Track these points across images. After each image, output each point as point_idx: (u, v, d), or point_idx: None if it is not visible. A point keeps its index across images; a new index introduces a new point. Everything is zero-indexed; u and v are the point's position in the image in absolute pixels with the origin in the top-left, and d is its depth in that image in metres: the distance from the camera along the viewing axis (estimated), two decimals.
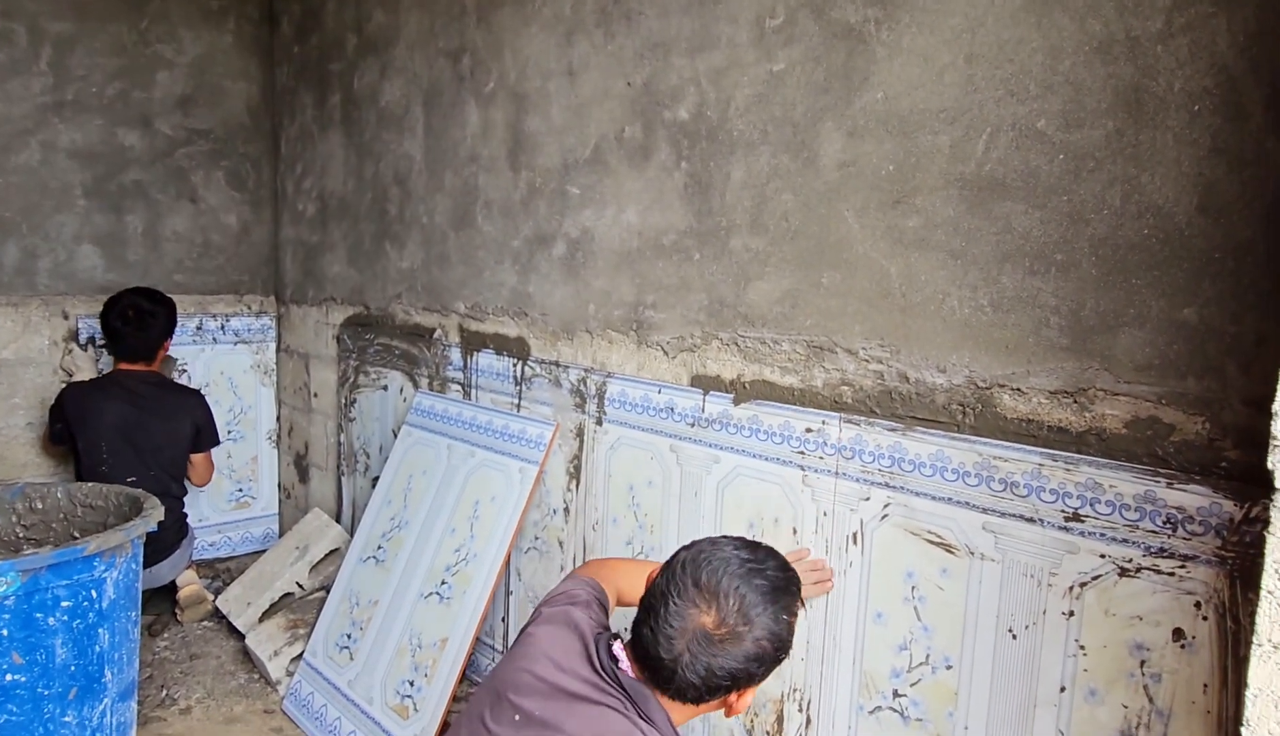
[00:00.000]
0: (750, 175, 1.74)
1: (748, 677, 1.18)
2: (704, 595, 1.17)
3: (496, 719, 1.24)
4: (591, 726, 1.17)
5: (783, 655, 1.22)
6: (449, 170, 2.60)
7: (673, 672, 1.16)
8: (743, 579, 1.18)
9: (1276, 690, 0.71)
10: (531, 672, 1.25)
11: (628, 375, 2.05)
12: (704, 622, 1.16)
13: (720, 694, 1.19)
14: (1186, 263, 1.19)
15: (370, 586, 2.51)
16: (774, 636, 1.18)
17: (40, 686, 1.55)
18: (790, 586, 1.23)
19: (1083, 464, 1.29)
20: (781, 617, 1.19)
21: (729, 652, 1.15)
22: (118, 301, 2.90)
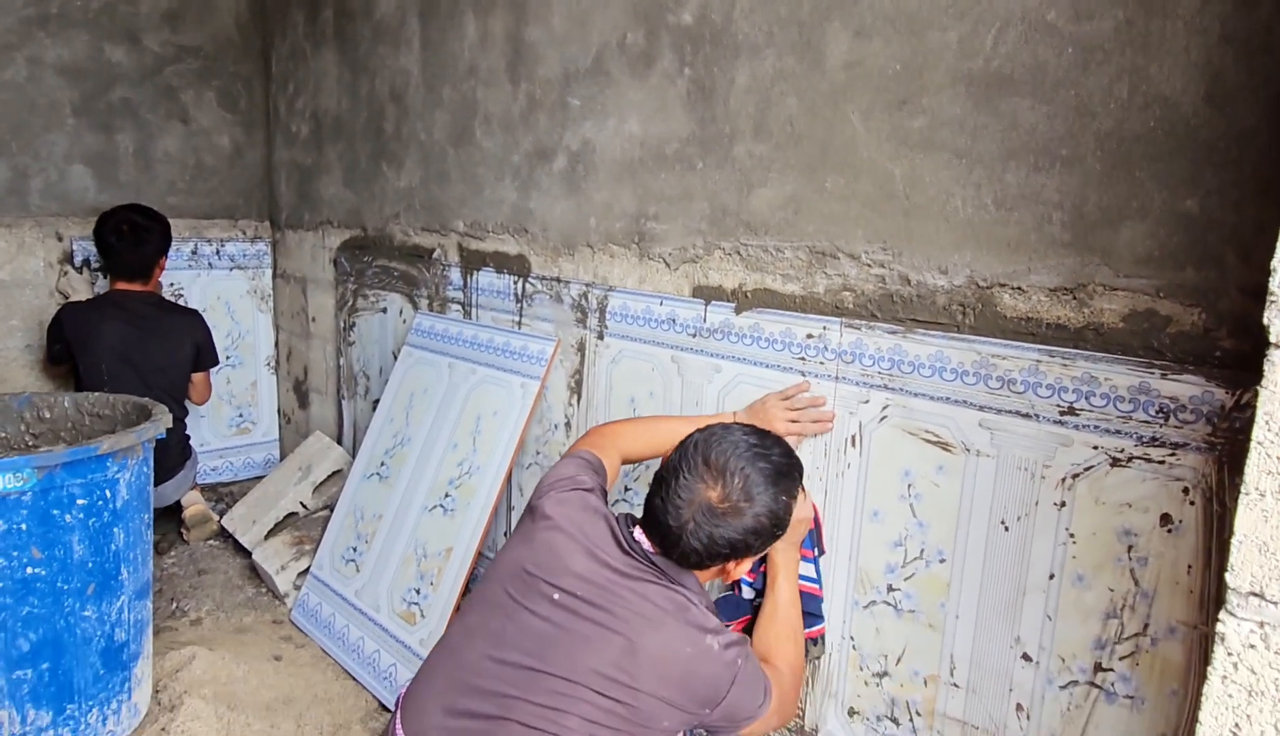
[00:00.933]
0: (754, 79, 1.72)
1: (745, 548, 1.28)
2: (712, 472, 1.25)
3: (527, 597, 1.28)
4: (638, 600, 1.25)
5: (779, 532, 1.31)
6: (447, 85, 2.56)
7: (678, 539, 1.26)
8: (749, 460, 1.26)
9: (1260, 535, 0.74)
10: (562, 553, 1.29)
11: (629, 288, 2.05)
12: (710, 496, 1.25)
13: (719, 561, 1.30)
14: (1190, 153, 1.19)
15: (374, 501, 2.56)
16: (772, 514, 1.27)
17: (60, 581, 1.60)
18: (792, 471, 1.31)
19: (1079, 359, 1.32)
20: (780, 498, 1.28)
21: (730, 525, 1.25)
22: (111, 217, 2.87)
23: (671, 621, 1.24)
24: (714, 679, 1.24)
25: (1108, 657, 1.33)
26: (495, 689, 1.24)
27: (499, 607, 1.30)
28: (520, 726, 1.20)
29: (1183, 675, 1.26)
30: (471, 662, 1.28)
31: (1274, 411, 0.73)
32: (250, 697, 2.10)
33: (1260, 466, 0.73)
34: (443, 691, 1.28)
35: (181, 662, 2.16)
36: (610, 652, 1.21)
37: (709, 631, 1.25)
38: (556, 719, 1.19)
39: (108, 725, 1.79)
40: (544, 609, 1.26)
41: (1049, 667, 1.40)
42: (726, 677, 1.24)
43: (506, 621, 1.28)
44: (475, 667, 1.27)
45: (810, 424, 1.66)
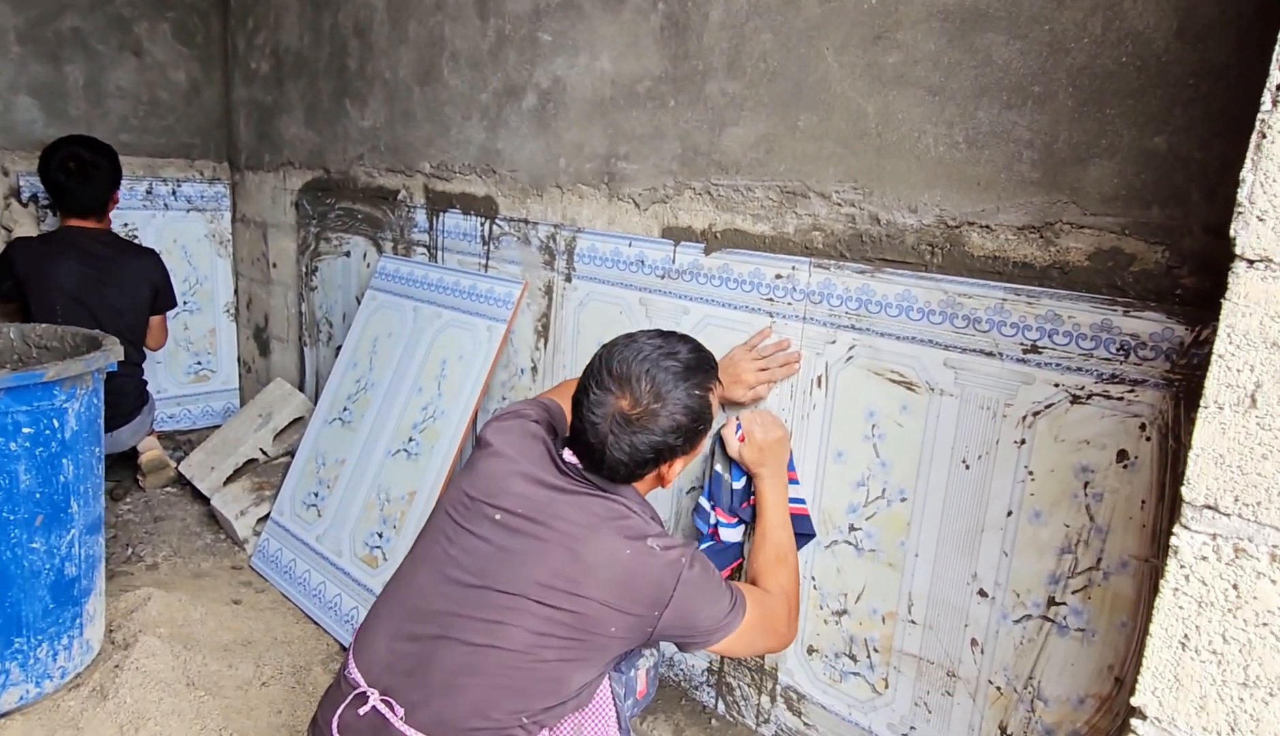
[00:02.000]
0: (729, 14, 1.69)
1: (670, 450, 1.28)
2: (618, 382, 1.25)
3: (469, 520, 1.28)
4: (576, 511, 1.25)
5: (701, 427, 1.31)
6: (413, 20, 2.48)
7: (603, 455, 1.26)
8: (653, 363, 1.26)
9: (1217, 448, 0.75)
10: (502, 476, 1.29)
11: (598, 230, 2.03)
12: (621, 406, 1.25)
13: (649, 468, 1.29)
14: (1161, 90, 1.20)
15: (337, 446, 2.52)
16: (688, 409, 1.27)
17: (5, 511, 1.55)
18: (704, 365, 1.31)
19: (1044, 297, 1.33)
20: (694, 393, 1.28)
21: (648, 429, 1.25)
22: (55, 152, 2.73)
23: (609, 527, 1.24)
24: (656, 578, 1.21)
25: (1061, 592, 1.36)
26: (438, 609, 1.24)
27: (442, 534, 1.30)
28: (461, 644, 1.21)
29: (1132, 607, 1.29)
30: (416, 587, 1.29)
31: (1235, 324, 0.74)
32: (208, 638, 2.07)
33: (1220, 379, 0.74)
34: (389, 619, 1.29)
35: (137, 603, 2.12)
36: (551, 562, 1.21)
37: (649, 536, 1.25)
38: (497, 632, 1.19)
39: (58, 660, 1.76)
40: (485, 529, 1.26)
41: (1004, 603, 1.42)
42: (670, 576, 1.21)
43: (449, 545, 1.28)
44: (419, 592, 1.28)
45: (779, 369, 1.66)
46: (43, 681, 1.74)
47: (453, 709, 1.19)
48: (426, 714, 1.20)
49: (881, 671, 1.60)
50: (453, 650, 1.21)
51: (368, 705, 1.22)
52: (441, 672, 1.21)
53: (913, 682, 1.56)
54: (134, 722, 1.70)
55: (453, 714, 1.19)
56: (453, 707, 1.19)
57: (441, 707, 1.20)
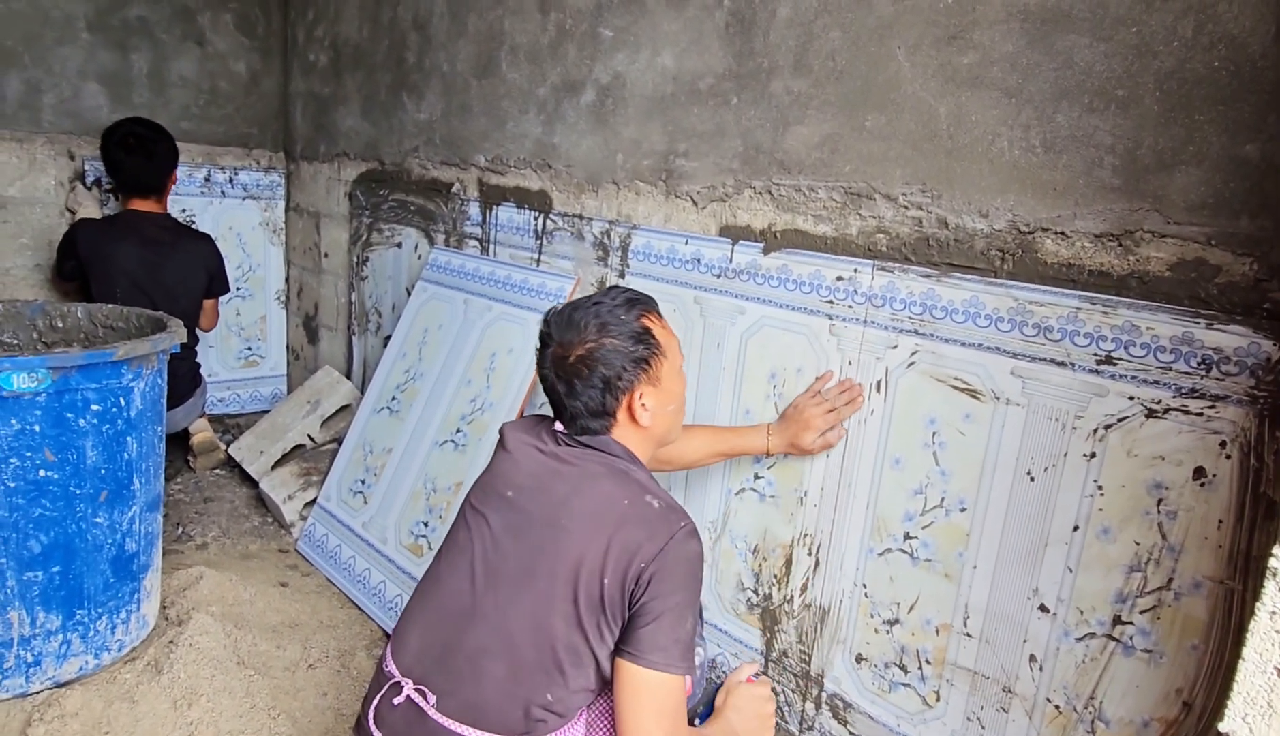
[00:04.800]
0: (797, 11, 1.67)
1: (615, 379, 1.30)
2: (549, 336, 1.35)
3: (485, 505, 1.32)
4: (578, 469, 1.28)
5: (643, 351, 1.32)
6: (473, 13, 2.50)
7: (563, 405, 1.33)
8: (574, 308, 1.35)
9: None
10: (512, 461, 1.34)
11: (654, 227, 2.02)
12: (555, 352, 1.33)
13: (610, 405, 1.32)
14: (1255, 96, 1.15)
15: (384, 435, 2.55)
16: (616, 331, 1.31)
17: (72, 485, 1.59)
18: (633, 300, 1.36)
19: (1121, 307, 1.29)
20: (621, 317, 1.32)
21: (583, 362, 1.30)
22: (115, 131, 2.82)
23: (609, 481, 1.26)
24: (648, 528, 1.19)
25: (1128, 611, 1.32)
26: (461, 596, 1.27)
27: (464, 524, 1.34)
28: (481, 627, 1.23)
29: (1205, 630, 1.25)
30: (441, 578, 1.32)
31: None
32: (257, 619, 2.11)
33: None
34: (421, 611, 1.32)
35: (189, 581, 2.16)
36: (550, 526, 1.23)
37: (650, 493, 1.25)
38: (510, 610, 1.21)
39: (116, 633, 1.80)
40: (500, 510, 1.29)
41: (1066, 619, 1.39)
42: (663, 532, 1.19)
43: (469, 532, 1.31)
44: (444, 582, 1.31)
45: (845, 408, 1.65)
46: (101, 653, 1.78)
47: (480, 694, 1.20)
48: (456, 701, 1.22)
49: (933, 684, 1.57)
50: (474, 634, 1.23)
51: (402, 695, 1.25)
52: (466, 658, 1.22)
53: (966, 697, 1.52)
54: (187, 698, 1.73)
55: (481, 698, 1.20)
56: (480, 692, 1.20)
57: (470, 693, 1.21)
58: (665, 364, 1.35)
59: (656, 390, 1.34)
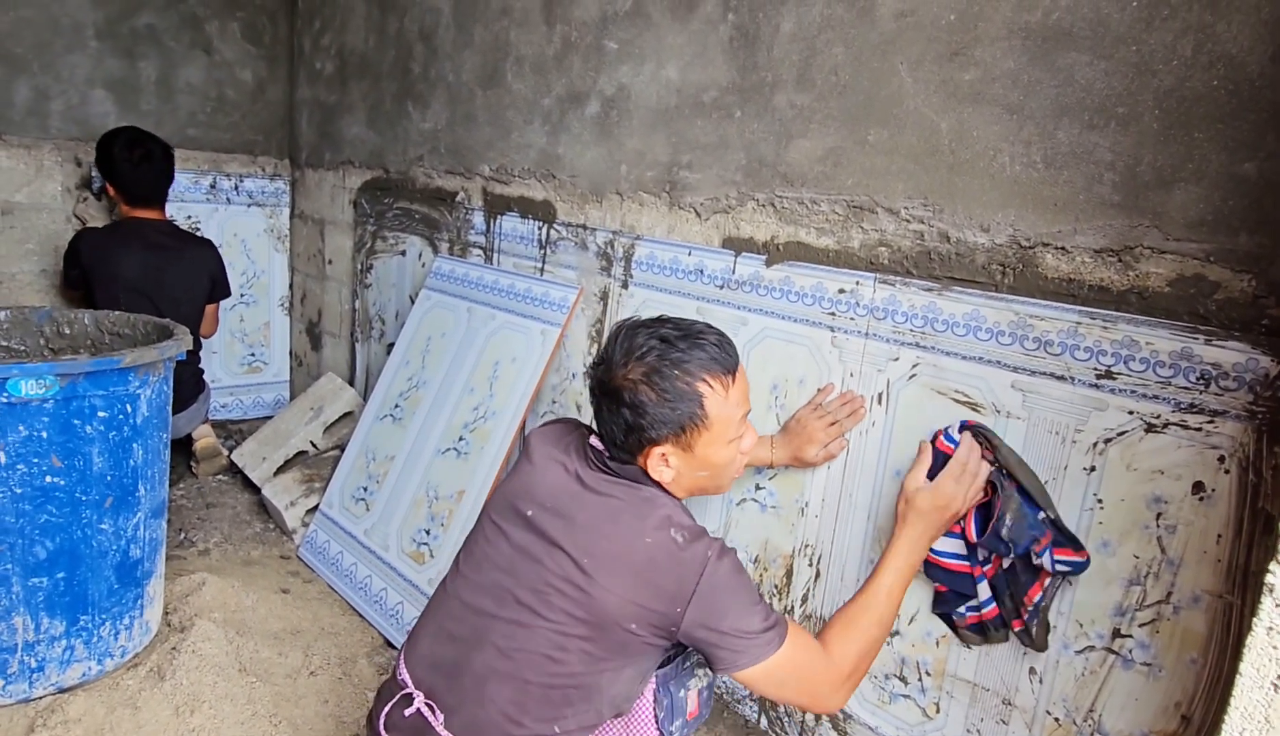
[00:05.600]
0: (801, 26, 1.69)
1: (639, 430, 1.21)
2: (622, 356, 1.23)
3: (505, 520, 1.29)
4: (601, 501, 1.23)
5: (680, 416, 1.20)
6: (479, 24, 2.52)
7: (600, 426, 1.26)
8: (647, 335, 1.23)
9: None
10: (537, 475, 1.30)
11: (657, 238, 2.03)
12: (601, 373, 1.25)
13: (633, 446, 1.23)
14: (1254, 114, 1.17)
15: (387, 442, 2.55)
16: (655, 384, 1.19)
17: (78, 491, 1.60)
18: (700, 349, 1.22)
19: (1121, 322, 1.30)
20: (668, 369, 1.20)
21: (620, 399, 1.21)
22: (114, 139, 2.82)
23: (631, 515, 1.20)
24: (679, 570, 1.14)
25: (1127, 624, 1.33)
26: (474, 612, 1.24)
27: (483, 536, 1.31)
28: (491, 647, 1.20)
29: (1203, 644, 1.25)
30: (456, 590, 1.29)
31: None
32: (259, 626, 2.11)
33: None
34: (434, 622, 1.31)
35: (191, 587, 2.17)
36: (571, 556, 1.18)
37: (674, 526, 1.18)
38: (521, 634, 1.18)
39: (119, 639, 1.80)
40: (518, 528, 1.26)
41: (1066, 632, 1.39)
42: (693, 568, 1.14)
43: (488, 546, 1.29)
44: (459, 595, 1.28)
45: (847, 419, 1.65)
46: (104, 659, 1.79)
47: (485, 716, 1.19)
48: (460, 719, 1.20)
49: (933, 695, 1.58)
50: (483, 653, 1.21)
51: (413, 707, 1.23)
52: (473, 677, 1.20)
53: (965, 709, 1.53)
54: (189, 704, 1.74)
55: (485, 720, 1.19)
56: (485, 715, 1.19)
57: (475, 714, 1.19)
58: (705, 435, 1.22)
59: (686, 455, 1.24)
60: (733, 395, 1.24)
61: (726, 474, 1.30)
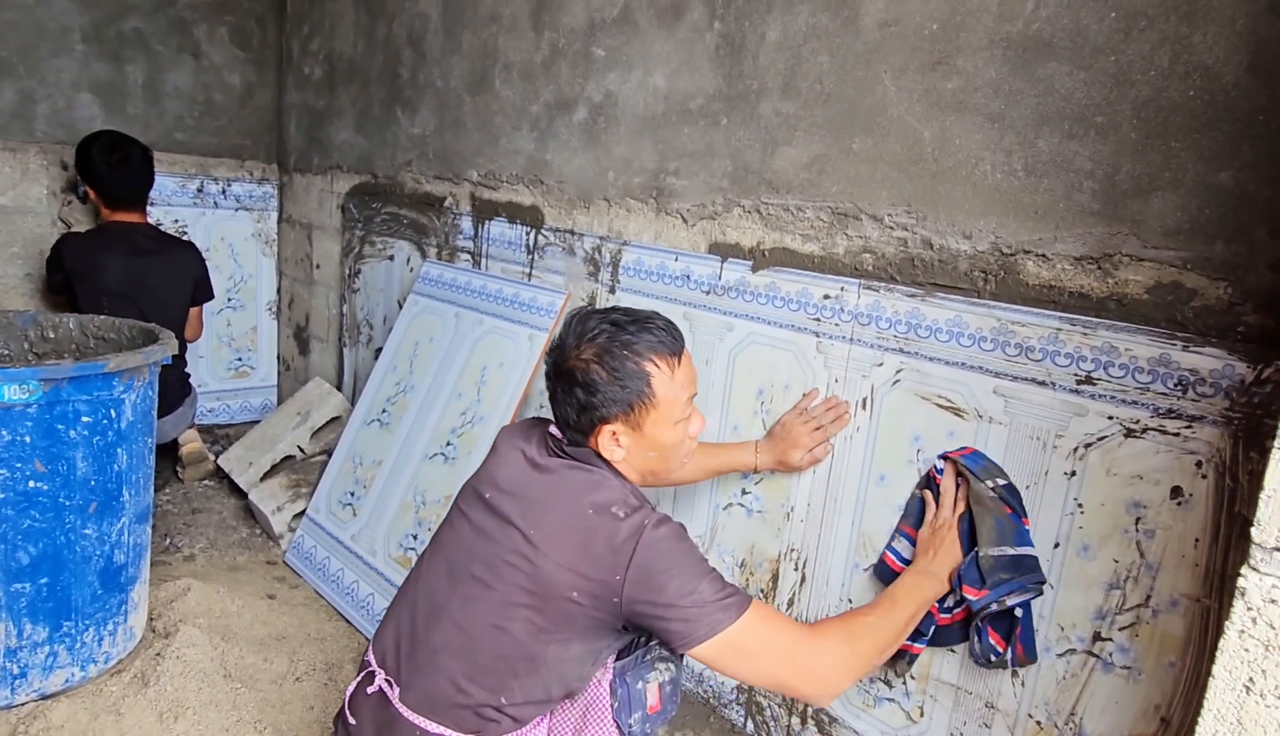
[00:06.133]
0: (786, 35, 1.70)
1: (590, 409, 1.25)
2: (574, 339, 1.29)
3: (468, 506, 1.34)
4: (554, 481, 1.27)
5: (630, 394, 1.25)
6: (467, 30, 2.52)
7: (554, 408, 1.31)
8: (598, 318, 1.29)
9: None
10: (499, 464, 1.34)
11: (644, 243, 2.04)
12: (555, 355, 1.31)
13: (584, 425, 1.28)
14: (1229, 125, 1.19)
15: (374, 447, 2.55)
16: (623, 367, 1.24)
17: (62, 496, 1.59)
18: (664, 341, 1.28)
19: (1101, 328, 1.32)
20: (618, 349, 1.25)
21: (571, 376, 1.27)
22: (92, 143, 2.81)
23: (578, 494, 1.24)
24: (615, 540, 1.17)
25: (1107, 627, 1.34)
26: (433, 592, 1.29)
27: (449, 523, 1.36)
28: (446, 622, 1.25)
29: (1181, 647, 1.27)
30: (422, 574, 1.34)
31: None
32: (244, 632, 2.10)
33: None
34: (400, 604, 1.35)
35: (176, 593, 2.16)
36: (520, 531, 1.22)
37: (617, 502, 1.22)
38: (471, 608, 1.23)
39: (103, 645, 1.79)
40: (477, 510, 1.31)
41: (1047, 635, 1.41)
42: (629, 536, 1.17)
43: (450, 531, 1.34)
44: (423, 578, 1.33)
45: (831, 424, 1.67)
46: (88, 666, 1.78)
47: (434, 687, 1.23)
48: (415, 693, 1.25)
49: (917, 699, 1.59)
50: (438, 629, 1.25)
51: (374, 684, 1.28)
52: (427, 651, 1.25)
53: (949, 712, 1.54)
54: (173, 711, 1.73)
55: (435, 692, 1.23)
56: (435, 686, 1.23)
57: (427, 686, 1.24)
58: (653, 414, 1.27)
59: (635, 434, 1.28)
60: (678, 376, 1.29)
61: (674, 456, 1.34)
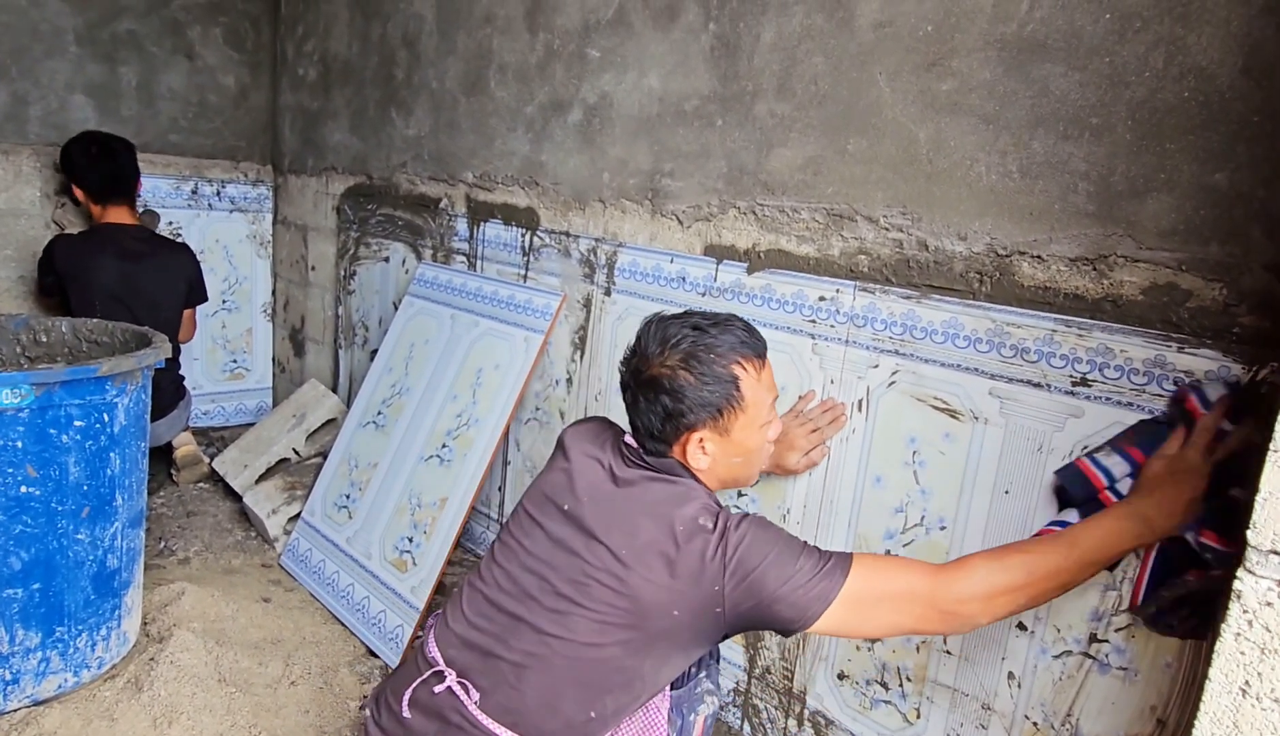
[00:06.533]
0: (781, 36, 1.70)
1: (676, 415, 1.25)
2: (656, 347, 1.27)
3: (543, 514, 1.31)
4: (638, 495, 1.25)
5: (720, 398, 1.24)
6: (462, 31, 2.52)
7: (633, 415, 1.30)
8: (680, 323, 1.28)
9: None
10: (574, 473, 1.32)
11: (640, 245, 2.04)
12: (636, 362, 1.29)
13: (668, 434, 1.27)
14: (1223, 126, 1.18)
15: (370, 450, 2.54)
16: (691, 367, 1.24)
17: (54, 501, 1.58)
18: (748, 342, 1.28)
19: (1096, 330, 1.32)
20: (703, 354, 1.24)
21: (655, 384, 1.26)
22: (73, 144, 2.82)
23: (666, 506, 1.21)
24: (706, 552, 1.15)
25: (1103, 629, 1.34)
26: (512, 596, 1.27)
27: (519, 528, 1.34)
28: (531, 630, 1.23)
29: (1177, 649, 1.27)
30: (492, 578, 1.32)
31: None
32: (239, 635, 2.09)
33: None
34: (468, 606, 1.33)
35: (170, 597, 2.15)
36: (610, 545, 1.20)
37: (705, 512, 1.20)
38: (562, 621, 1.21)
39: (96, 651, 1.79)
40: (555, 521, 1.28)
41: (1044, 637, 1.41)
42: (716, 542, 1.16)
43: (524, 537, 1.32)
44: (495, 582, 1.31)
45: (828, 426, 1.66)
46: (81, 671, 1.77)
47: (521, 700, 1.21)
48: (495, 701, 1.23)
49: (914, 701, 1.58)
50: (521, 640, 1.23)
51: (444, 684, 1.25)
52: (510, 663, 1.23)
53: (946, 714, 1.54)
54: (167, 716, 1.72)
55: (521, 704, 1.21)
56: (521, 699, 1.21)
57: (512, 698, 1.22)
58: (741, 418, 1.27)
59: (723, 440, 1.27)
60: (764, 378, 1.29)
61: (757, 461, 1.35)
